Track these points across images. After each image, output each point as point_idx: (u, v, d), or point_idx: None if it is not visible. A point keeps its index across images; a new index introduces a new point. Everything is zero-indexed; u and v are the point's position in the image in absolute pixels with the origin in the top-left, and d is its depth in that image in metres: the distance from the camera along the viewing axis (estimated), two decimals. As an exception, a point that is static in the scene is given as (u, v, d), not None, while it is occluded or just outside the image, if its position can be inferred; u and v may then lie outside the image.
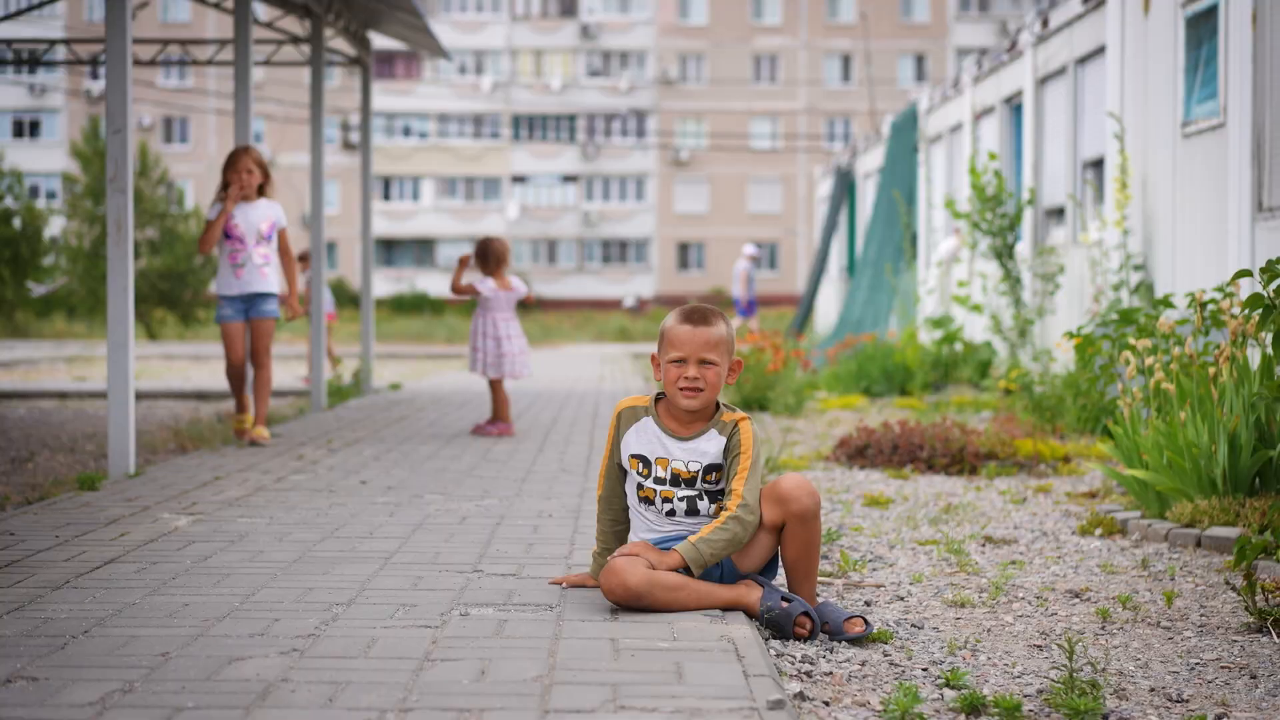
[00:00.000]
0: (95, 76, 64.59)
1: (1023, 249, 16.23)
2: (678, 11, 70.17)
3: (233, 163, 9.57)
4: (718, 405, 4.71)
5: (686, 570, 4.50)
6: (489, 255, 10.60)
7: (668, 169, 69.93)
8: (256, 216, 9.58)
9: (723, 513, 4.53)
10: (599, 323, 48.23)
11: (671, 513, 4.67)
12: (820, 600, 4.67)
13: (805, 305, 28.39)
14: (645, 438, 4.70)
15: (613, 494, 4.82)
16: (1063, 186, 15.40)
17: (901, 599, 5.28)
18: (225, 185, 9.55)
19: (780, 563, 4.72)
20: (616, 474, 4.80)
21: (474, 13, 69.92)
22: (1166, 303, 8.84)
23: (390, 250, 69.63)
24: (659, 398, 4.75)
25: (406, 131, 70.27)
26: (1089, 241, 13.58)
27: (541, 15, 70.56)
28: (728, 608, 4.51)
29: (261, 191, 9.63)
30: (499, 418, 10.65)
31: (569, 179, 70.46)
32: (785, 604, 4.48)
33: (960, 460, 9.10)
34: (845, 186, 28.55)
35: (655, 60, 69.93)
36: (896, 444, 9.32)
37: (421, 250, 69.87)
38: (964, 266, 18.43)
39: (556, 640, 4.06)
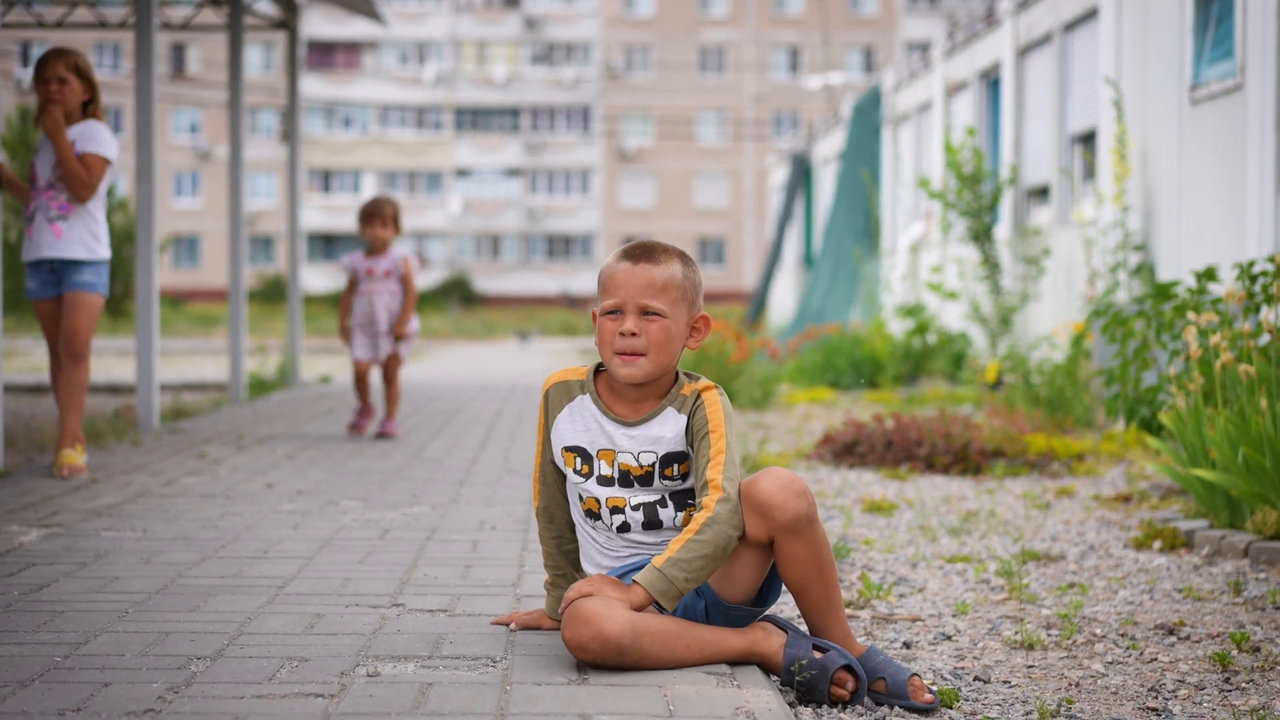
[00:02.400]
0: (25, 64, 62.69)
1: (1001, 232, 15.11)
2: (623, 3, 68.92)
3: (39, 71, 6.72)
4: (676, 375, 3.50)
5: (658, 606, 3.30)
6: (362, 215, 8.90)
7: (613, 163, 68.68)
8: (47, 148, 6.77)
9: (696, 515, 3.30)
10: (542, 318, 46.92)
11: (624, 527, 3.46)
12: (864, 645, 3.44)
13: (759, 297, 27.25)
14: (582, 423, 3.49)
15: (553, 502, 3.61)
16: (1047, 164, 14.29)
17: (949, 638, 4.08)
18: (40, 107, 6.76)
19: (782, 590, 3.51)
20: (554, 474, 3.58)
21: (415, 3, 68.41)
22: (1166, 293, 7.67)
23: (330, 245, 67.98)
24: (599, 369, 3.55)
25: (347, 123, 68.69)
26: (1083, 220, 12.46)
27: (484, 6, 69.15)
28: (738, 661, 3.30)
29: (87, 113, 6.80)
30: (369, 414, 9.03)
31: (513, 173, 69.08)
32: (818, 654, 3.28)
33: (964, 458, 7.93)
34: (801, 174, 27.42)
35: (600, 52, 68.66)
36: (891, 440, 8.14)
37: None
38: (935, 251, 17.30)
39: (502, 718, 2.84)
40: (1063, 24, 13.70)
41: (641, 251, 3.44)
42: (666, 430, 3.44)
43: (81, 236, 6.71)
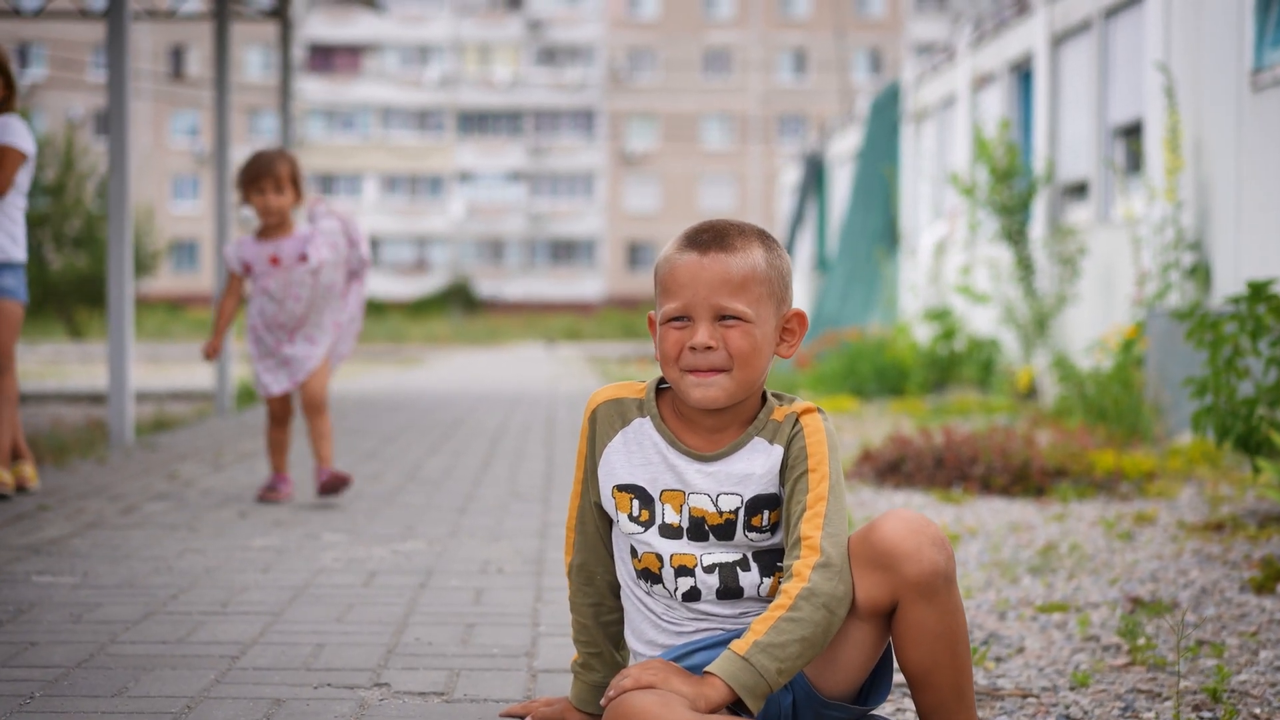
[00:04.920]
0: None
1: (1034, 231, 14.28)
2: (627, 5, 68.12)
3: None
4: (764, 396, 2.68)
5: (737, 706, 2.47)
6: (245, 178, 6.12)
7: (617, 166, 67.86)
8: None
9: (786, 585, 2.49)
10: (547, 324, 46.08)
11: (692, 594, 2.63)
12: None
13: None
14: (641, 454, 2.66)
15: (594, 557, 2.76)
16: (1085, 158, 13.45)
17: (1074, 722, 3.25)
18: None
19: (895, 678, 2.68)
20: (597, 521, 2.74)
21: (417, 5, 67.60)
22: (1261, 294, 6.82)
23: (330, 250, 67.16)
24: (662, 386, 2.73)
25: (348, 126, 67.86)
26: (1131, 217, 11.63)
27: (487, 8, 68.36)
28: (833, 785, 2.47)
29: (4, 107, 6.02)
30: (281, 468, 6.23)
31: (516, 177, 68.25)
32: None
33: (1025, 478, 7.10)
34: (814, 175, 26.59)
35: (604, 55, 67.86)
36: (941, 457, 7.30)
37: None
38: (963, 252, 16.48)
39: None
40: (1103, 9, 12.87)
41: (711, 237, 2.62)
42: (755, 466, 2.61)
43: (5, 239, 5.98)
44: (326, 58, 67.26)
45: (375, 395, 13.39)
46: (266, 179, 6.06)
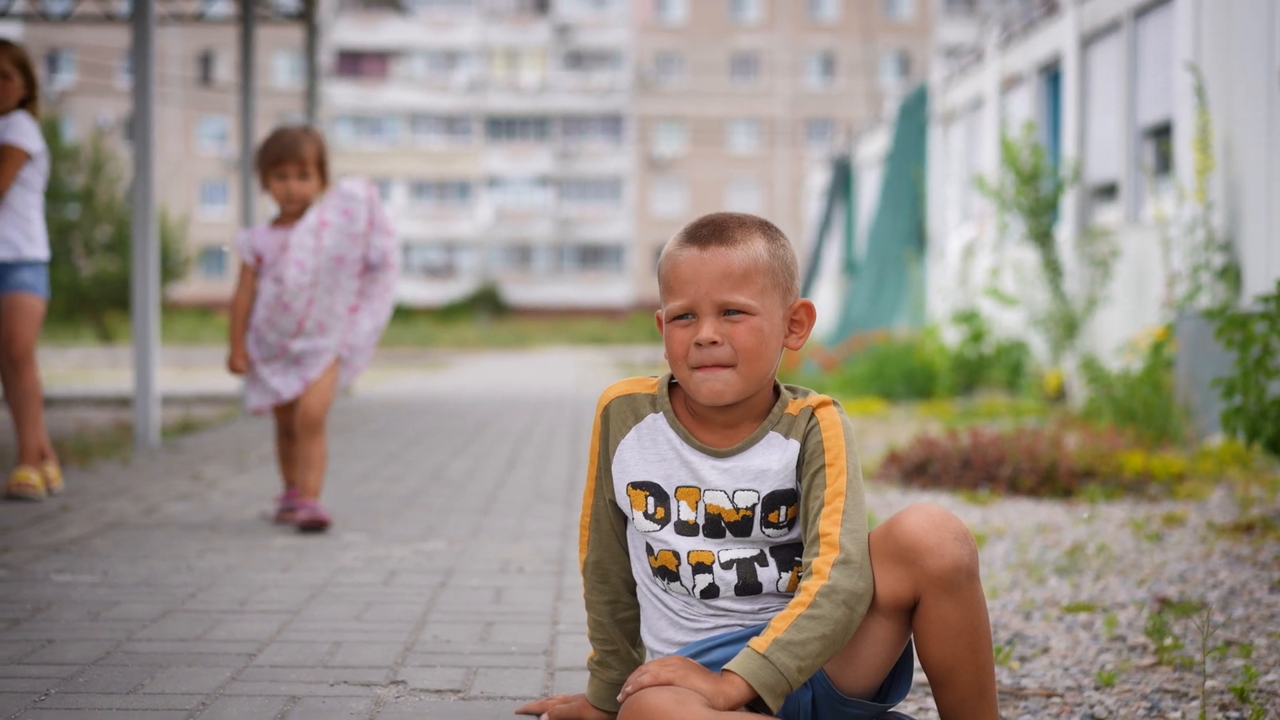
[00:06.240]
0: None
1: (1063, 233, 14.20)
2: (655, 9, 68.10)
3: None
4: (777, 389, 2.65)
5: (756, 704, 2.43)
6: (267, 158, 5.40)
7: (645, 171, 67.84)
8: None
9: (806, 582, 2.46)
10: (574, 329, 46.06)
11: (711, 591, 2.60)
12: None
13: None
14: (655, 451, 2.63)
15: (609, 555, 2.73)
16: (1114, 159, 13.37)
17: (1099, 722, 3.20)
18: None
19: (917, 674, 2.64)
20: (612, 518, 2.71)
21: (445, 10, 67.70)
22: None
23: (359, 255, 67.29)
24: (674, 382, 2.69)
25: (377, 130, 67.98)
26: (1162, 218, 11.55)
27: (515, 13, 68.42)
28: (852, 783, 2.44)
29: (24, 106, 6.03)
30: (295, 481, 5.51)
31: (543, 181, 68.29)
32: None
33: (1052, 480, 7.04)
34: (842, 178, 26.52)
35: (632, 59, 67.85)
36: (968, 459, 7.24)
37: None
38: (991, 254, 16.39)
39: None
40: (1132, 9, 12.79)
41: (711, 230, 2.58)
42: (772, 461, 2.58)
43: (9, 235, 5.97)
44: (355, 63, 67.42)
45: (401, 399, 13.38)
46: (289, 162, 5.32)
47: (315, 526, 5.15)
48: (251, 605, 3.88)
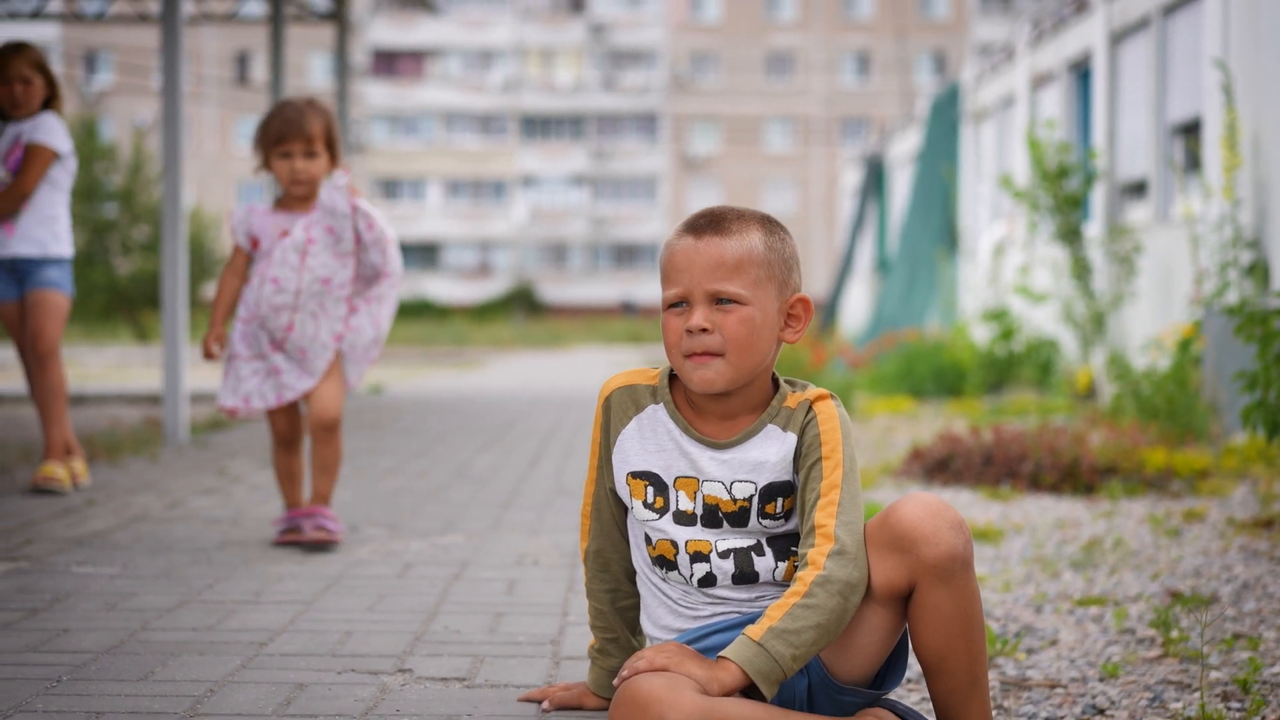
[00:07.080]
0: None
1: (1092, 230, 14.17)
2: (690, 8, 68.11)
3: (1, 70, 6.04)
4: (775, 381, 2.68)
5: (750, 691, 2.47)
6: (271, 133, 4.95)
7: (679, 170, 67.86)
8: (5, 140, 6.05)
9: (802, 573, 2.49)
10: (608, 328, 46.11)
11: (708, 580, 2.64)
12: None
13: (829, 305, 26.36)
14: (655, 441, 2.67)
15: (609, 544, 2.77)
16: (1143, 157, 13.34)
17: (1101, 711, 3.21)
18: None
19: (910, 662, 2.67)
20: (612, 507, 2.75)
21: (480, 10, 67.87)
22: None
23: (395, 254, 67.47)
24: (675, 375, 2.73)
25: (413, 130, 68.20)
26: (1190, 216, 11.52)
27: (550, 13, 68.54)
28: (843, 768, 2.47)
29: (48, 106, 6.10)
30: (297, 502, 4.99)
31: (578, 181, 68.39)
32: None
33: (1074, 476, 7.04)
34: (875, 177, 26.49)
35: (667, 58, 67.87)
36: (990, 455, 7.25)
37: (426, 254, 67.64)
38: (1021, 253, 16.37)
39: None
40: (1162, 7, 12.75)
41: (708, 221, 2.61)
42: (769, 453, 2.62)
43: (36, 233, 6.05)
44: (390, 62, 67.65)
45: (431, 396, 13.45)
46: (295, 139, 4.82)
47: (322, 545, 4.69)
48: (266, 596, 3.93)
